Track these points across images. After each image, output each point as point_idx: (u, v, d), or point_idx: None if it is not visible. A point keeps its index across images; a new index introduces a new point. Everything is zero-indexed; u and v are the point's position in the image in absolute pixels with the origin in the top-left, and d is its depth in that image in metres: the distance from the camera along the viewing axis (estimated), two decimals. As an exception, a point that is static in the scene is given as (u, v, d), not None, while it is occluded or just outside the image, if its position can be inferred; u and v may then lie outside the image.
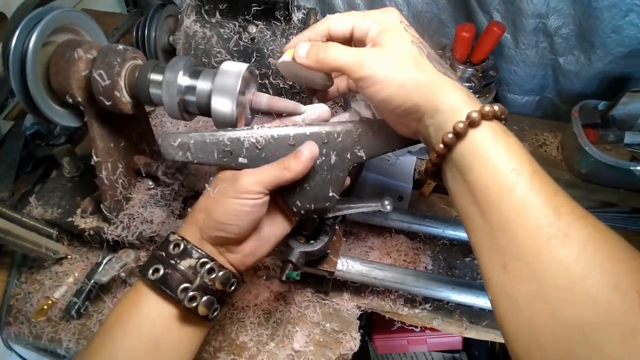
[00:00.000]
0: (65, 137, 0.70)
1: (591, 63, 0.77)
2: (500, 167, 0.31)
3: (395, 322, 0.60)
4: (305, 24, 0.68)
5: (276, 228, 0.45)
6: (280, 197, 0.44)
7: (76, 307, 0.55)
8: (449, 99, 0.34)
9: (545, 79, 0.83)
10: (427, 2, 0.83)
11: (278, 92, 0.69)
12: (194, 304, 0.40)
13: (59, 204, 0.59)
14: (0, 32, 0.86)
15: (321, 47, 0.39)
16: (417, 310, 0.59)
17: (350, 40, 0.42)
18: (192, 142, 0.41)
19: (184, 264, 0.40)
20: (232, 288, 0.43)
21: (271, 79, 0.69)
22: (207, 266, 0.41)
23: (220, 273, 0.41)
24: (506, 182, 0.31)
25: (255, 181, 0.39)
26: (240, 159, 0.42)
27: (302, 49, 0.40)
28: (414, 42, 0.37)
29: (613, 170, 0.71)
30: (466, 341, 1.04)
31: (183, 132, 0.42)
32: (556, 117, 0.87)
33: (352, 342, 0.56)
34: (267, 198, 0.41)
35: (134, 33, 0.72)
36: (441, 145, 0.34)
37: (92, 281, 0.56)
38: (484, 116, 0.33)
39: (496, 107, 0.33)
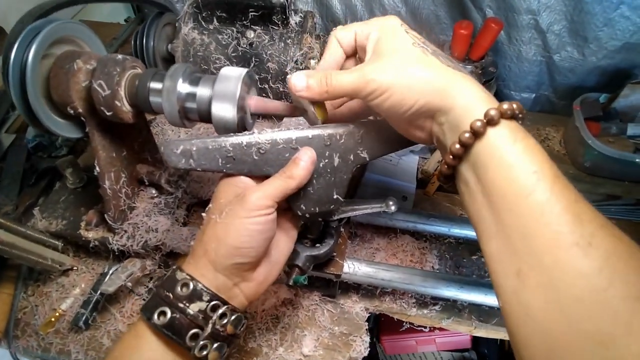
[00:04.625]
0: (67, 149, 0.70)
1: (585, 58, 0.76)
2: (519, 169, 0.30)
3: (404, 323, 0.60)
4: (302, 27, 0.68)
5: (281, 248, 0.44)
6: (282, 207, 0.44)
7: (84, 318, 0.55)
8: (463, 94, 0.33)
9: (540, 76, 0.83)
10: (423, 0, 0.83)
11: (278, 96, 0.69)
12: (205, 353, 0.37)
13: (63, 216, 0.59)
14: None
15: (323, 78, 0.38)
16: (425, 311, 0.59)
17: (355, 51, 0.41)
18: (194, 149, 0.41)
19: (193, 308, 0.37)
20: (242, 329, 0.41)
21: (271, 83, 0.69)
22: (220, 311, 0.38)
23: (233, 317, 0.39)
24: (525, 186, 0.29)
25: (264, 195, 0.38)
26: (244, 165, 0.42)
27: (301, 82, 0.38)
28: (416, 44, 0.36)
29: (617, 162, 0.71)
30: (475, 340, 1.03)
31: (185, 139, 0.41)
32: (554, 112, 0.87)
33: (362, 345, 0.55)
34: (275, 213, 0.39)
35: (132, 42, 0.72)
36: (457, 146, 0.33)
37: (99, 292, 0.56)
38: (503, 114, 0.31)
39: (514, 105, 0.32)
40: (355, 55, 0.43)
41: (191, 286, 0.37)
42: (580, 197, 0.29)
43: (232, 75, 0.43)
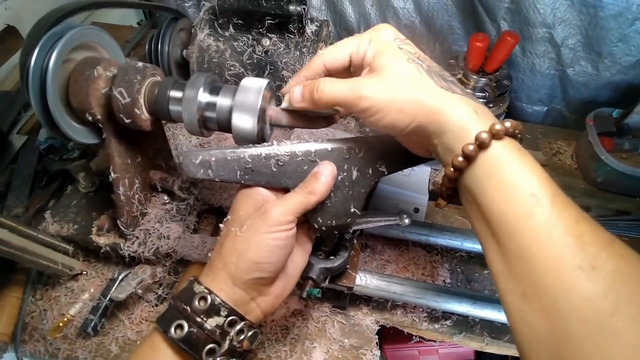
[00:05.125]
0: (79, 151, 0.70)
1: (599, 73, 0.77)
2: (516, 191, 0.29)
3: (414, 337, 0.59)
4: (318, 36, 0.68)
5: (297, 262, 0.44)
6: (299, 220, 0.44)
7: (92, 324, 0.55)
8: (455, 117, 0.32)
9: (553, 90, 0.83)
10: (437, 10, 0.83)
11: (292, 105, 0.69)
12: None
13: (75, 220, 0.59)
14: (10, 46, 0.87)
15: (314, 85, 0.37)
16: (437, 325, 0.58)
17: (349, 69, 0.40)
18: (213, 159, 0.41)
19: (210, 322, 0.37)
20: (257, 343, 0.40)
21: (285, 91, 0.69)
22: (237, 327, 0.38)
23: (250, 333, 0.39)
24: (524, 208, 0.29)
25: (285, 211, 0.38)
26: (262, 177, 0.42)
27: (297, 92, 0.39)
28: (411, 60, 0.35)
29: (630, 179, 0.71)
30: (479, 352, 1.02)
31: (203, 149, 0.41)
32: (566, 126, 0.87)
33: (372, 359, 0.55)
34: (295, 228, 0.39)
35: (147, 47, 0.72)
36: (451, 169, 0.33)
37: (108, 298, 0.56)
38: (495, 135, 0.30)
39: (508, 124, 0.31)
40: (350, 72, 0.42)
41: (209, 300, 0.37)
42: (581, 215, 0.29)
43: (253, 86, 0.43)
